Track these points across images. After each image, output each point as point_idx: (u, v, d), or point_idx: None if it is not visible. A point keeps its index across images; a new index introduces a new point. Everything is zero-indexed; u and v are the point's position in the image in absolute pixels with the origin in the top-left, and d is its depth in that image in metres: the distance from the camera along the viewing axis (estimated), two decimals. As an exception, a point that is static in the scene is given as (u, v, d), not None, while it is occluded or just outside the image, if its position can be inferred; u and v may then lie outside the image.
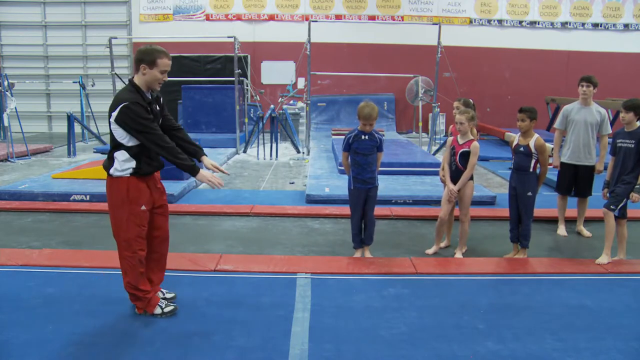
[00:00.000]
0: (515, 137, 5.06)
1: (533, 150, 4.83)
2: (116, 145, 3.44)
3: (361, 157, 4.76)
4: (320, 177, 8.33)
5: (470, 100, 5.46)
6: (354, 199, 4.88)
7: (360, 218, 4.93)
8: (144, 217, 3.53)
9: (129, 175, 3.45)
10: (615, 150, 4.94)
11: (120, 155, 3.43)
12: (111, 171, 3.47)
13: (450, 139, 5.13)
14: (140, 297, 3.61)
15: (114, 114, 3.33)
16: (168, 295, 3.80)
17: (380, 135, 4.84)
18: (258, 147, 10.98)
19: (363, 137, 4.73)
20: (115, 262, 4.53)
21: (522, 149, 4.90)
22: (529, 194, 4.90)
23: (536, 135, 4.89)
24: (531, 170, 4.88)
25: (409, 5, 15.58)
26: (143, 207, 3.49)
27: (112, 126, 3.39)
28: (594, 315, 3.81)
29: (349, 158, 4.83)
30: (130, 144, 3.41)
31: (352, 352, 3.22)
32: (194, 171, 3.46)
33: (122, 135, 3.39)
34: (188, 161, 3.44)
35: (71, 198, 6.85)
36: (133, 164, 3.44)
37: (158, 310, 3.63)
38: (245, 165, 10.23)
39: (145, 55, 3.37)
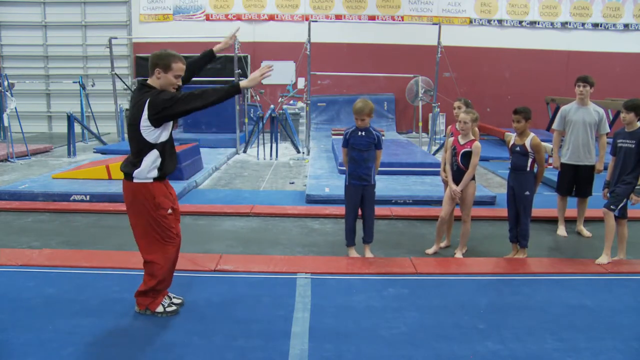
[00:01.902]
0: (511, 137, 5.07)
1: (529, 149, 4.84)
2: (145, 148, 3.40)
3: (357, 152, 4.77)
4: (320, 177, 8.33)
5: (469, 101, 5.48)
6: (348, 195, 4.91)
7: (354, 216, 4.94)
8: (173, 219, 3.56)
9: (152, 180, 3.44)
10: (616, 150, 4.94)
11: (151, 156, 3.41)
12: (135, 174, 3.42)
13: (450, 139, 5.13)
14: (150, 295, 3.62)
15: (144, 114, 3.29)
16: (176, 301, 3.77)
17: (377, 133, 4.85)
18: (258, 147, 10.98)
19: (360, 133, 4.77)
20: (115, 263, 4.56)
21: (518, 148, 4.91)
22: (527, 193, 4.90)
23: (532, 135, 4.90)
24: (528, 169, 4.89)
25: (409, 5, 15.58)
26: (170, 211, 3.52)
27: (143, 130, 3.34)
28: (594, 315, 3.81)
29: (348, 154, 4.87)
30: (161, 139, 3.42)
31: (352, 352, 3.22)
32: (239, 88, 3.39)
33: (154, 134, 3.38)
34: (227, 87, 3.38)
35: (71, 198, 6.85)
36: (159, 163, 3.44)
37: (160, 309, 3.63)
38: (245, 165, 10.23)
39: (160, 60, 3.38)
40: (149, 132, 3.36)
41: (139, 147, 3.41)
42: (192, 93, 3.33)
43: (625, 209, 4.83)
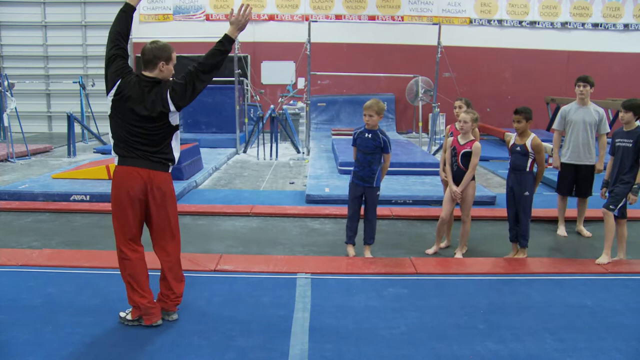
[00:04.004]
0: (512, 137, 5.07)
1: (530, 149, 4.84)
2: (171, 134, 3.44)
3: (362, 154, 4.81)
4: (320, 177, 8.33)
5: (470, 101, 5.48)
6: (350, 192, 4.99)
7: (354, 213, 4.97)
8: None
9: None
10: (614, 150, 4.94)
11: (176, 138, 3.49)
12: (173, 165, 3.52)
13: (450, 139, 5.13)
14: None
15: (172, 107, 3.32)
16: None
17: (385, 137, 4.81)
18: (258, 147, 10.98)
19: (367, 135, 4.79)
20: (115, 263, 4.52)
21: (518, 148, 4.91)
22: (526, 193, 4.90)
23: (533, 135, 4.90)
24: (528, 169, 4.89)
25: (409, 5, 15.57)
26: None
27: (171, 119, 3.36)
28: (594, 315, 3.81)
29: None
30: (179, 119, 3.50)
31: (352, 352, 3.23)
32: (232, 39, 3.43)
33: (177, 117, 3.43)
34: (221, 45, 3.40)
35: (71, 198, 6.85)
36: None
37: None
38: (245, 165, 10.23)
39: (162, 52, 3.37)
40: (174, 117, 3.41)
41: (167, 135, 3.42)
42: (198, 69, 3.35)
43: (625, 209, 4.83)
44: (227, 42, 3.41)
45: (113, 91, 3.35)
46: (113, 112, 3.40)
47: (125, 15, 3.47)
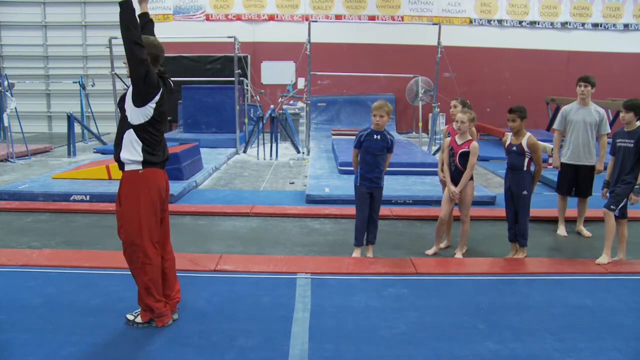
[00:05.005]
0: (508, 137, 5.08)
1: (526, 148, 4.84)
2: None
3: (371, 156, 4.78)
4: (320, 177, 8.33)
5: (467, 101, 5.47)
6: (359, 195, 4.92)
7: (366, 215, 4.93)
8: None
9: None
10: (615, 150, 4.94)
11: None
12: None
13: (447, 140, 5.13)
14: None
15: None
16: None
17: (392, 137, 4.84)
18: (258, 147, 10.98)
19: (375, 136, 4.76)
20: (115, 263, 4.55)
21: (514, 148, 4.91)
22: (524, 192, 4.90)
23: (528, 134, 4.91)
24: (525, 169, 4.89)
25: (409, 5, 15.58)
26: None
27: None
28: (594, 315, 3.81)
29: (359, 156, 4.86)
30: None
31: (352, 352, 3.23)
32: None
33: None
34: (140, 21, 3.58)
35: (71, 198, 6.85)
36: None
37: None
38: (245, 165, 10.23)
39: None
40: None
41: None
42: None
43: (626, 209, 4.83)
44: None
45: (157, 98, 3.27)
46: (154, 120, 3.30)
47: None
